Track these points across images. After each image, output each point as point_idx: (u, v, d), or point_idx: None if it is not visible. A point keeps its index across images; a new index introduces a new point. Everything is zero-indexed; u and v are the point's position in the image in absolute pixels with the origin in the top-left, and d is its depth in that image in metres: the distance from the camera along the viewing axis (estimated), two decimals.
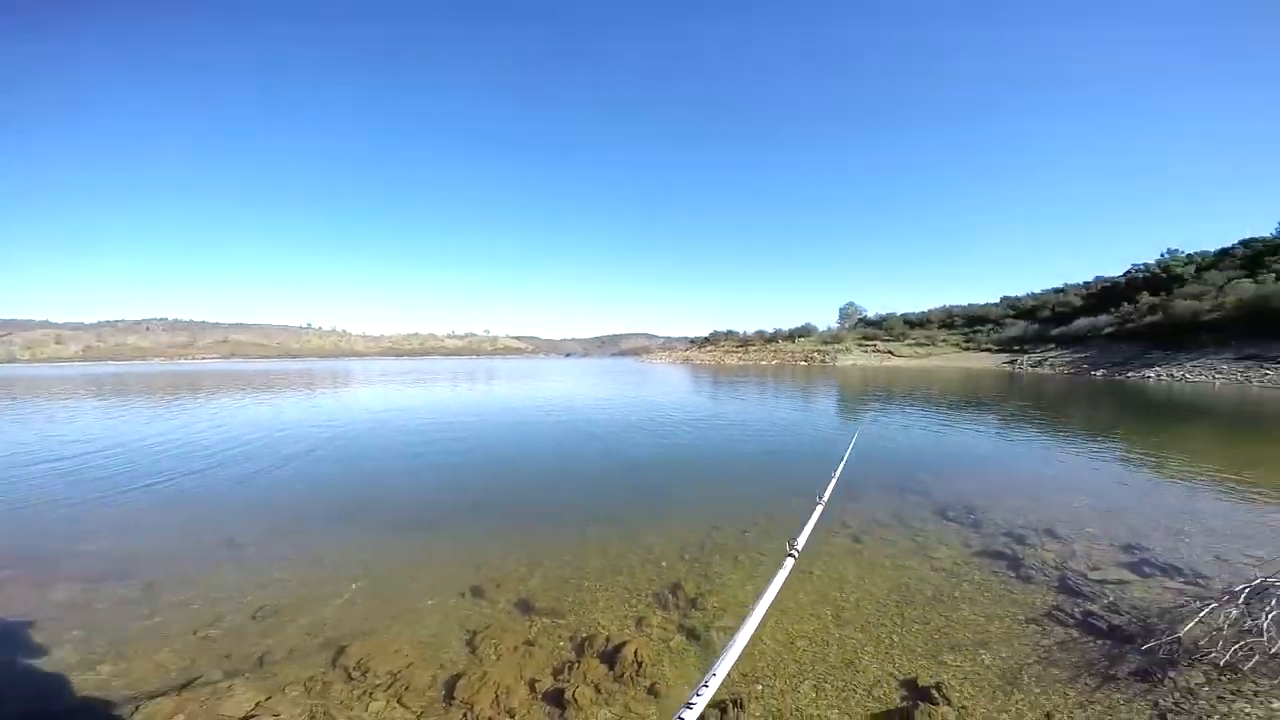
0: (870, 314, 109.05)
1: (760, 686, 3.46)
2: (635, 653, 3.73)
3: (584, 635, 4.12)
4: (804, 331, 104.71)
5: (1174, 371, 44.57)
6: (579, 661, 3.77)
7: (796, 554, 2.35)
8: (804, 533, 2.60)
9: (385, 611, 4.59)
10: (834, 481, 3.68)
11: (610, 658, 3.77)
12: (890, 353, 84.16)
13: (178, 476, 9.39)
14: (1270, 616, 3.43)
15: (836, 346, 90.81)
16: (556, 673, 3.69)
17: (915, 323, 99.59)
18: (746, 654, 3.70)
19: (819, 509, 3.01)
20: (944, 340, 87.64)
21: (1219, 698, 3.12)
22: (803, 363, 79.26)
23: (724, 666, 1.53)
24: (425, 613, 4.56)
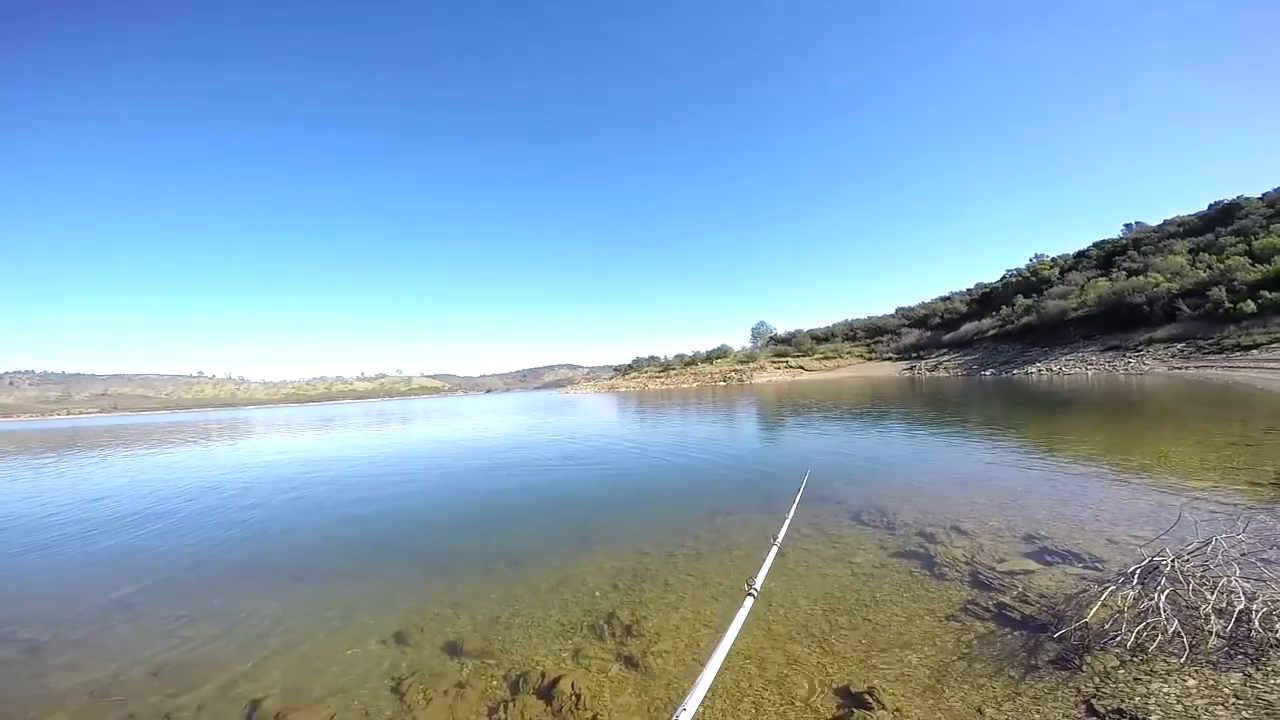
0: (780, 331, 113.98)
1: (703, 709, 3.33)
2: (573, 685, 3.63)
3: (518, 673, 3.95)
4: (721, 353, 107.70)
5: (1052, 366, 49.19)
6: (514, 700, 3.63)
7: (755, 593, 2.36)
8: (761, 572, 2.64)
9: (301, 663, 4.34)
10: (788, 521, 3.67)
11: (547, 693, 3.64)
12: (801, 368, 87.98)
13: (52, 539, 8.77)
14: (1164, 595, 3.55)
15: (752, 365, 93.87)
16: (491, 712, 3.55)
17: (821, 337, 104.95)
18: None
19: (774, 549, 3.11)
20: (849, 352, 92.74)
21: (1135, 679, 3.15)
22: (721, 383, 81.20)
23: (693, 702, 1.58)
24: (345, 662, 4.32)
